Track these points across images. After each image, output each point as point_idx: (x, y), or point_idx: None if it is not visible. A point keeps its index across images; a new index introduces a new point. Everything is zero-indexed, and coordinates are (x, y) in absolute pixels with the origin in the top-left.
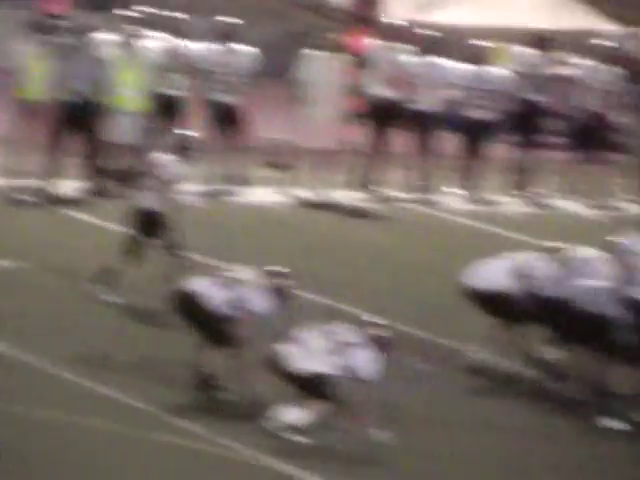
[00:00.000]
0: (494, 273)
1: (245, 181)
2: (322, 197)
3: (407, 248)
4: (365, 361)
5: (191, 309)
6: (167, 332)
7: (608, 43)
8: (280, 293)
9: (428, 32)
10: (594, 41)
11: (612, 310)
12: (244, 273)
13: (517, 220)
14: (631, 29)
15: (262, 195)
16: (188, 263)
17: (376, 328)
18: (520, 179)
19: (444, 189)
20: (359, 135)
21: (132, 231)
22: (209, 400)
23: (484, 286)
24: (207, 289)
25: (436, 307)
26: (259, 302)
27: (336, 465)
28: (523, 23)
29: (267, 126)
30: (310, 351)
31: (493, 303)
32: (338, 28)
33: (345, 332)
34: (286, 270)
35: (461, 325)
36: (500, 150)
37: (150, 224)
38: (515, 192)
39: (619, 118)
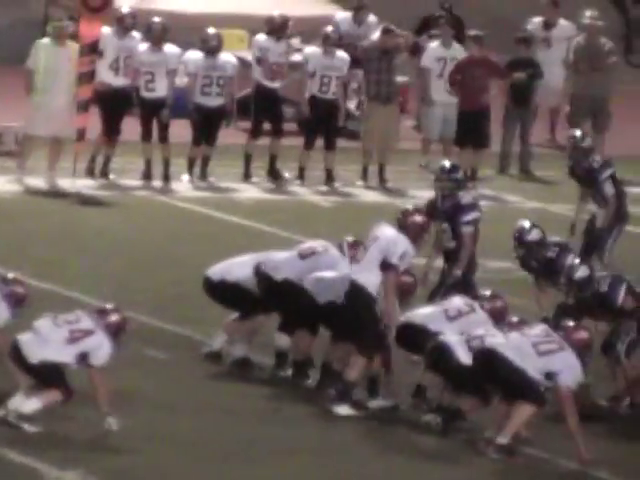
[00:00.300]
0: (233, 266)
1: None
2: (55, 185)
3: (142, 236)
4: (100, 349)
5: None
6: None
7: (330, 29)
8: (15, 299)
9: (158, 19)
10: (325, 28)
11: (340, 297)
12: None
13: (252, 207)
14: (349, 13)
15: None
16: None
17: (112, 316)
18: (247, 165)
19: (179, 176)
20: (92, 122)
21: None
22: None
23: (220, 278)
24: None
25: (172, 295)
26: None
27: (70, 453)
28: (253, 10)
29: (2, 113)
30: (46, 340)
31: (229, 295)
32: (72, 16)
33: (80, 320)
34: (19, 278)
35: (196, 313)
36: (233, 136)
37: None
38: (250, 179)
39: (348, 104)
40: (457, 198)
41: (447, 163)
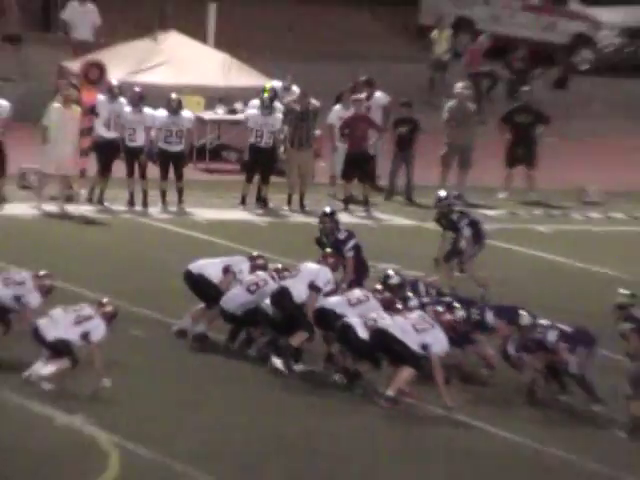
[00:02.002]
0: (208, 265)
1: (4, 199)
2: (64, 210)
3: (127, 247)
4: (97, 329)
5: None
6: None
7: (266, 96)
8: (44, 290)
9: (139, 89)
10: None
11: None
12: (21, 274)
13: (207, 225)
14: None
15: (22, 209)
16: None
17: (107, 306)
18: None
19: (156, 203)
20: (91, 164)
21: None
22: None
23: (199, 272)
24: None
25: (150, 289)
26: (32, 298)
27: (74, 403)
28: (207, 82)
29: (23, 157)
30: (58, 323)
31: (200, 286)
32: (75, 86)
33: (84, 309)
34: (49, 273)
35: (167, 302)
36: (193, 173)
37: None
38: (212, 203)
39: (279, 150)
40: (335, 235)
41: (327, 209)
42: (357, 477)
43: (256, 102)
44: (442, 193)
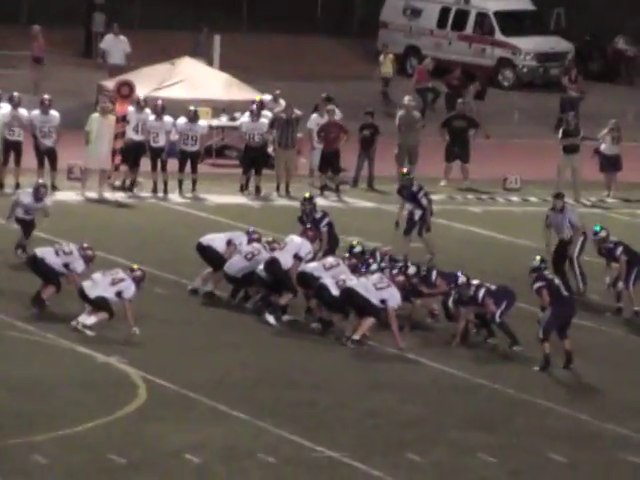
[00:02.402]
0: (215, 239)
1: (56, 188)
2: (102, 196)
3: (152, 224)
4: (129, 289)
5: (38, 266)
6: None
7: (254, 106)
8: (88, 258)
9: (160, 102)
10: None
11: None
12: (70, 246)
13: (215, 208)
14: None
15: (69, 196)
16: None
17: (137, 271)
18: (242, 187)
19: (174, 191)
20: (124, 161)
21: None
22: (40, 310)
23: (207, 244)
24: (48, 255)
25: (170, 257)
26: (78, 265)
27: (111, 347)
28: (214, 96)
29: (70, 155)
30: (98, 284)
31: (208, 255)
32: (111, 100)
33: (118, 273)
34: (91, 245)
35: (183, 268)
36: (202, 168)
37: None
38: (218, 190)
39: (268, 149)
40: (313, 214)
41: (307, 194)
42: (329, 402)
43: (248, 113)
44: (405, 170)
